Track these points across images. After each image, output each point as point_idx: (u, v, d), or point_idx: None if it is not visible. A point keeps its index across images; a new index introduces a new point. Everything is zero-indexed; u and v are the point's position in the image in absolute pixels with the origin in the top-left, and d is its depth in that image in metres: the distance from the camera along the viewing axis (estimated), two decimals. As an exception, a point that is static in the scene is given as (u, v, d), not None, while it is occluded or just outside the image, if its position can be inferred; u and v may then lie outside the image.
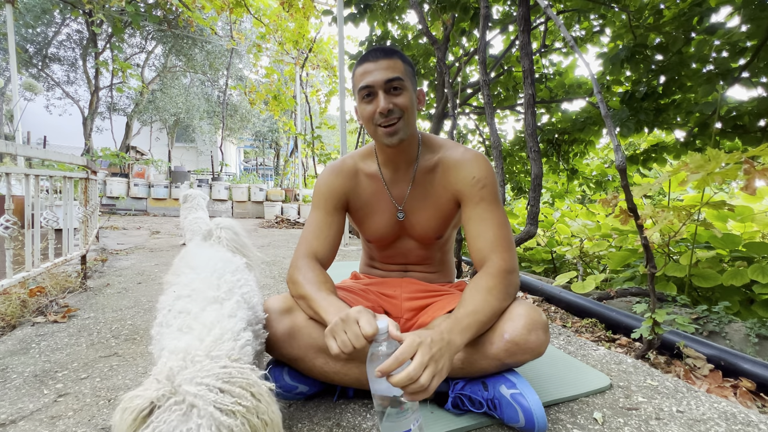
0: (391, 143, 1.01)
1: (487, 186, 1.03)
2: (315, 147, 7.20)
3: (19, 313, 1.65)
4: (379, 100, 0.97)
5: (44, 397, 1.04)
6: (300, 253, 1.06)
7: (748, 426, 0.95)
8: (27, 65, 9.93)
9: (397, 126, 0.99)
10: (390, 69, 0.97)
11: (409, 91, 1.00)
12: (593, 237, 3.57)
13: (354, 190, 1.14)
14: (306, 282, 0.96)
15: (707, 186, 1.44)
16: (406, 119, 1.00)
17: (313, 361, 0.93)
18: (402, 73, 0.98)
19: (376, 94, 0.98)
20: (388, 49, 1.00)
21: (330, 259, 1.10)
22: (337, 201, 1.13)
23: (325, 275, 1.01)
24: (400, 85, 0.98)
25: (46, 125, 10.96)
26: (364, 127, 1.06)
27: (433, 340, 0.74)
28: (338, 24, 4.06)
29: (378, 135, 1.02)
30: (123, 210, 7.54)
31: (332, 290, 0.96)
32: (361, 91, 0.99)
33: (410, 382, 0.68)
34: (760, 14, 2.25)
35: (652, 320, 1.41)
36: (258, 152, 18.40)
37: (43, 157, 1.90)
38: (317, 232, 1.10)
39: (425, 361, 0.70)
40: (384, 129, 0.99)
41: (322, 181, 1.15)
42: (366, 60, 1.00)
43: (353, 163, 1.17)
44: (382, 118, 0.98)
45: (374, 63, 0.98)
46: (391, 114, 0.98)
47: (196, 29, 9.39)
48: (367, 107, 1.00)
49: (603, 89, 3.43)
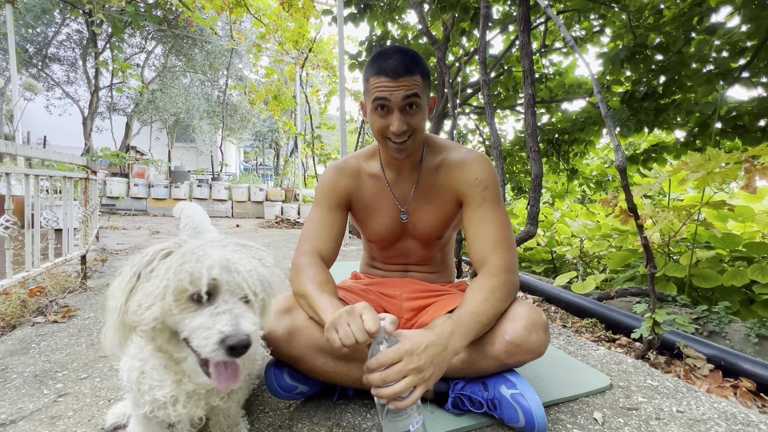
0: (398, 157, 1.01)
1: (489, 187, 1.03)
2: (315, 147, 7.20)
3: (19, 313, 1.65)
4: (393, 119, 0.95)
5: (44, 397, 1.04)
6: (302, 251, 1.04)
7: (748, 426, 0.95)
8: (27, 65, 9.92)
9: (407, 144, 0.98)
10: (409, 87, 0.93)
11: (424, 108, 0.98)
12: (593, 237, 3.57)
13: (357, 190, 1.14)
14: (308, 280, 0.95)
15: (707, 186, 1.44)
16: (416, 137, 0.99)
17: (314, 361, 0.93)
18: (420, 89, 0.95)
19: (392, 111, 0.95)
20: (409, 64, 0.92)
21: (333, 256, 1.08)
22: (340, 199, 1.12)
23: (328, 274, 1.00)
24: (417, 102, 0.95)
25: (46, 125, 10.97)
26: (372, 132, 1.04)
27: (427, 346, 0.74)
28: (338, 24, 4.06)
29: (387, 147, 1.01)
30: (123, 210, 7.54)
31: (333, 291, 0.96)
32: (375, 102, 0.95)
33: (383, 385, 0.70)
34: (760, 14, 2.25)
35: (652, 320, 1.41)
36: (258, 152, 18.40)
37: (43, 157, 1.90)
38: (320, 229, 1.08)
39: (405, 370, 0.71)
40: (394, 145, 0.99)
41: (324, 179, 1.15)
42: (384, 73, 0.92)
43: (356, 163, 1.16)
44: (394, 136, 0.97)
45: (394, 80, 0.92)
46: (404, 134, 0.97)
47: (196, 29, 9.39)
48: (379, 119, 0.97)
49: (603, 89, 3.43)
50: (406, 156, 1.01)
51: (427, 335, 0.78)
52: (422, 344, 0.74)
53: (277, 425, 0.92)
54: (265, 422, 0.93)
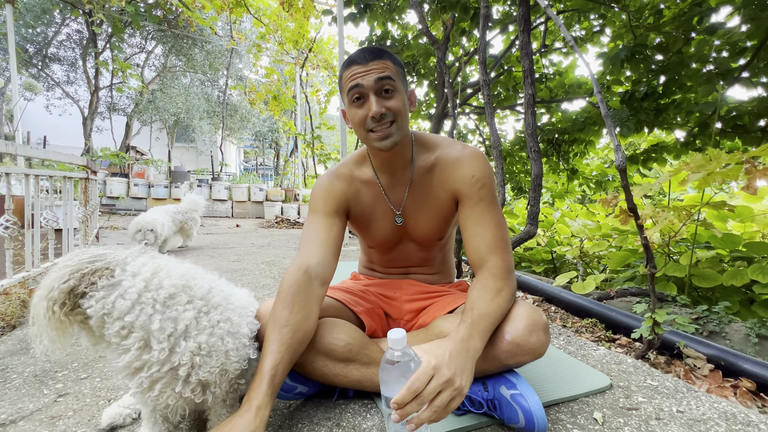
0: (384, 147, 0.97)
1: (486, 185, 1.01)
2: (315, 147, 7.20)
3: (19, 313, 1.65)
4: (370, 104, 0.93)
5: (44, 397, 1.04)
6: (293, 265, 0.95)
7: (748, 426, 0.95)
8: (27, 65, 9.92)
9: (390, 130, 0.95)
10: (380, 69, 0.93)
11: (401, 92, 0.97)
12: (593, 237, 3.57)
13: (354, 197, 1.10)
14: (273, 321, 0.86)
15: (708, 186, 1.44)
16: (399, 123, 0.96)
17: (313, 363, 0.93)
18: (393, 74, 0.94)
19: (367, 97, 0.94)
20: (376, 50, 0.95)
21: (329, 267, 0.99)
22: (338, 204, 1.07)
23: (301, 313, 0.87)
24: (392, 86, 0.94)
25: (46, 125, 10.97)
26: (354, 131, 1.01)
27: (451, 354, 0.72)
28: (338, 24, 4.06)
29: (370, 139, 0.98)
30: (123, 210, 7.54)
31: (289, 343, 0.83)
32: (350, 93, 0.94)
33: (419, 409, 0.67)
34: (760, 14, 2.25)
35: (652, 320, 1.41)
36: (258, 152, 18.40)
37: (43, 157, 1.90)
38: (313, 237, 1.01)
39: (439, 385, 0.68)
40: (376, 134, 0.96)
41: (319, 186, 1.10)
42: (354, 62, 0.94)
43: (348, 171, 1.12)
44: (374, 123, 0.94)
45: (364, 65, 0.93)
46: (383, 118, 0.94)
47: (196, 29, 9.39)
48: (357, 111, 0.95)
49: (603, 89, 3.43)
50: (392, 145, 0.97)
51: (445, 344, 0.75)
52: (445, 354, 0.71)
53: (277, 425, 0.92)
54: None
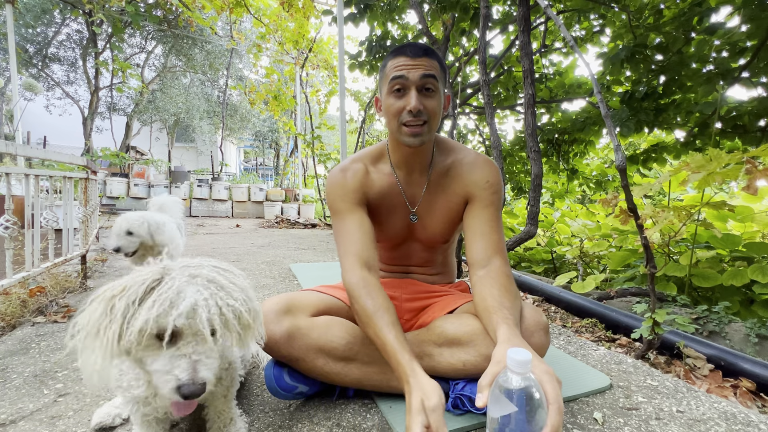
0: (412, 144, 0.98)
1: (498, 192, 1.06)
2: (315, 147, 7.20)
3: (19, 313, 1.65)
4: (410, 98, 0.94)
5: (44, 397, 1.04)
6: (348, 266, 0.96)
7: (748, 426, 0.95)
8: (27, 65, 9.92)
9: (422, 129, 0.97)
10: (427, 67, 0.95)
11: (440, 95, 0.98)
12: (593, 237, 3.57)
13: (369, 188, 1.10)
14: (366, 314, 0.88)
15: (708, 186, 1.44)
16: (431, 124, 0.98)
17: (314, 361, 0.93)
18: (438, 75, 0.96)
19: (408, 90, 0.95)
20: (427, 48, 0.97)
21: (376, 261, 1.00)
22: (357, 197, 1.06)
23: (383, 298, 0.91)
24: (434, 86, 0.95)
25: (46, 125, 10.96)
26: (386, 121, 1.02)
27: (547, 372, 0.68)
28: (338, 24, 4.06)
29: (401, 133, 0.99)
30: (123, 210, 7.55)
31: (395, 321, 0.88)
32: (392, 82, 0.96)
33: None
34: (760, 14, 2.25)
35: (652, 320, 1.41)
36: (258, 152, 18.40)
37: (43, 157, 1.90)
38: (350, 238, 1.00)
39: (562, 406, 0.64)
40: (408, 129, 0.97)
41: (333, 184, 1.08)
42: (403, 53, 0.96)
43: (362, 164, 1.11)
44: (410, 117, 0.96)
45: (412, 59, 0.94)
46: (419, 115, 0.95)
47: (196, 29, 9.39)
48: (396, 102, 0.97)
49: (603, 89, 3.43)
50: (420, 144, 0.99)
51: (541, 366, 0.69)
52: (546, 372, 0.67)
53: (277, 425, 0.92)
54: (265, 422, 0.93)
